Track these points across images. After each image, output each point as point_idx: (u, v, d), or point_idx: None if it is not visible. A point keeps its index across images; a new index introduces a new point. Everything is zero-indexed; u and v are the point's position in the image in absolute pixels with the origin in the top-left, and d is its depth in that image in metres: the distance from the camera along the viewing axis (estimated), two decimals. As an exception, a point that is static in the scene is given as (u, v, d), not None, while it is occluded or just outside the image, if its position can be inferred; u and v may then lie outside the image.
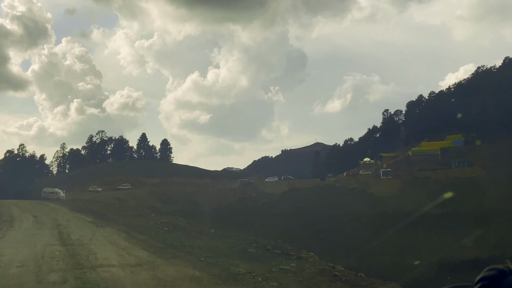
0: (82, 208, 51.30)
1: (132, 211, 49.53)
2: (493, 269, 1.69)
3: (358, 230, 75.89)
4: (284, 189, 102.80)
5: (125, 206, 59.46)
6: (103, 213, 44.35)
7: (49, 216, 39.62)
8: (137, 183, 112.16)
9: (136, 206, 61.70)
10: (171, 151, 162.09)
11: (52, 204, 57.01)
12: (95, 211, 46.94)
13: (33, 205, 55.93)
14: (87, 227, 31.37)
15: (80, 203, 60.51)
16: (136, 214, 46.39)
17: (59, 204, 59.57)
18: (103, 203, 60.88)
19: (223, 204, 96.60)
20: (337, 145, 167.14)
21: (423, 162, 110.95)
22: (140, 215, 45.35)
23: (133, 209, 53.63)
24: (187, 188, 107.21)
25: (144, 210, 53.25)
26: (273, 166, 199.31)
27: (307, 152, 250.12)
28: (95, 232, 27.70)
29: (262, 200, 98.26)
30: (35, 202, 65.00)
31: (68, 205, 55.88)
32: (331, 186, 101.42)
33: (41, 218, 37.55)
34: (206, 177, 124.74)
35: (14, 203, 58.00)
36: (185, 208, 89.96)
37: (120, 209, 51.85)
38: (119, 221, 36.99)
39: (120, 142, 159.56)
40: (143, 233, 28.71)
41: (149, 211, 52.79)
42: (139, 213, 47.49)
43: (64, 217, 38.97)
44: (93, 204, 60.12)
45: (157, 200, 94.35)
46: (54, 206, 52.95)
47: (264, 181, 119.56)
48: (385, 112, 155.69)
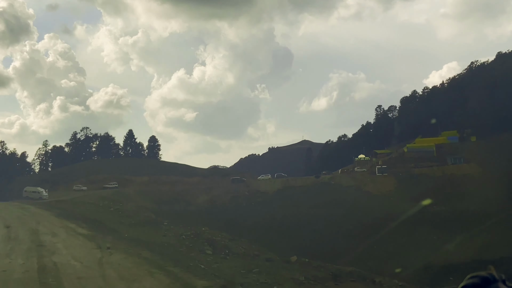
0: (70, 212, 44.82)
1: (135, 217, 43.04)
2: (476, 276, 1.65)
3: (354, 230, 74.71)
4: (278, 187, 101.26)
5: (122, 209, 52.55)
6: (99, 220, 37.72)
7: (28, 226, 31.19)
8: (125, 181, 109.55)
9: (137, 210, 54.63)
10: (160, 148, 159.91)
11: (32, 208, 49.16)
12: (88, 217, 40.16)
13: (9, 208, 48.79)
14: (85, 250, 22.03)
15: (67, 206, 54.73)
16: (141, 221, 39.79)
17: (42, 206, 52.44)
18: (95, 206, 55.25)
19: (215, 203, 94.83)
20: (330, 141, 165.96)
21: (419, 159, 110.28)
22: (148, 223, 38.88)
23: (134, 214, 47.00)
24: (177, 186, 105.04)
25: (150, 216, 47.05)
26: (261, 164, 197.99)
27: (294, 149, 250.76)
28: (102, 263, 18.63)
29: (255, 198, 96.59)
30: (12, 204, 58.35)
31: (53, 209, 48.64)
32: (326, 184, 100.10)
33: (16, 230, 28.69)
34: (196, 175, 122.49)
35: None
36: (176, 208, 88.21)
37: (118, 214, 45.75)
38: (123, 233, 30.37)
39: (106, 139, 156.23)
40: (180, 263, 20.71)
41: (156, 216, 47.55)
42: (144, 220, 41.34)
43: (49, 228, 30.79)
44: (83, 206, 53.67)
45: (148, 200, 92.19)
46: (35, 211, 45.66)
47: (256, 178, 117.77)
48: (378, 108, 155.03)
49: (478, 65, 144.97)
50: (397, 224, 67.05)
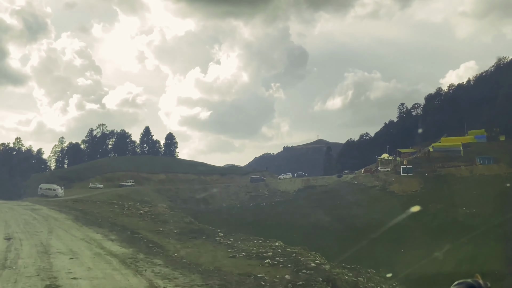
0: (91, 215, 36.85)
1: (174, 223, 32.48)
2: (462, 283, 1.74)
3: (379, 232, 72.23)
4: (298, 187, 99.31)
5: (154, 212, 42.92)
6: (129, 227, 28.48)
7: (36, 238, 22.40)
8: (141, 179, 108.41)
9: (172, 213, 45.53)
10: (176, 145, 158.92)
11: (45, 209, 41.22)
12: (114, 222, 31.84)
13: (17, 209, 41.04)
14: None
15: (86, 206, 46.99)
16: (184, 229, 29.04)
17: (56, 207, 44.23)
18: (119, 207, 46.92)
19: (234, 202, 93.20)
20: (351, 140, 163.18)
21: (445, 158, 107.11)
22: (195, 232, 27.79)
23: (171, 219, 37.26)
24: (195, 185, 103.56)
25: (191, 221, 36.67)
26: (275, 163, 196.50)
27: (310, 149, 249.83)
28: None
29: (275, 198, 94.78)
30: (22, 204, 49.85)
31: (70, 210, 40.73)
32: (348, 184, 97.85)
33: (20, 243, 20.62)
34: (214, 173, 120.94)
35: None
36: (194, 207, 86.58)
37: (151, 219, 36.24)
38: (171, 250, 21.13)
39: (122, 136, 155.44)
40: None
41: (210, 229, 31.36)
42: (188, 228, 30.20)
43: (65, 241, 21.62)
44: (105, 207, 45.80)
45: (165, 199, 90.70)
46: (49, 213, 37.59)
47: (274, 177, 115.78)
48: (400, 106, 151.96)
49: (506, 61, 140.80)
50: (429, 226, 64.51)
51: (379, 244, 63.66)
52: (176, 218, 39.26)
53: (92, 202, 55.18)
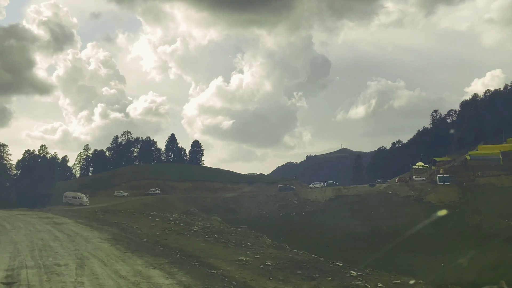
0: (132, 233, 28.61)
1: (252, 248, 23.84)
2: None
3: (419, 244, 68.96)
4: (329, 196, 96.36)
5: (214, 229, 33.68)
6: (198, 256, 19.68)
7: (58, 277, 13.56)
8: (167, 187, 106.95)
9: (249, 237, 30.68)
10: (203, 153, 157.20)
11: (70, 223, 32.49)
12: (168, 245, 23.47)
13: (36, 223, 31.73)
14: None
15: (120, 218, 40.00)
16: (293, 263, 19.05)
17: (84, 219, 36.34)
18: (163, 220, 39.33)
19: (262, 212, 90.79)
20: (383, 147, 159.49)
21: (483, 167, 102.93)
22: (332, 275, 17.18)
23: (245, 238, 28.84)
24: (222, 194, 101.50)
25: (311, 261, 21.13)
26: (298, 171, 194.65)
27: (333, 158, 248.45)
28: None
29: (305, 208, 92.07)
30: (43, 216, 39.38)
31: (102, 224, 32.63)
32: (382, 193, 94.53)
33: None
34: (242, 182, 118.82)
35: (9, 217, 38.43)
36: (222, 216, 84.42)
37: (213, 238, 27.67)
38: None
39: (147, 143, 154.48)
40: None
41: (320, 260, 22.28)
42: (302, 264, 19.14)
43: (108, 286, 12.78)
44: (145, 221, 38.44)
45: (191, 207, 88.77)
46: (75, 229, 28.32)
47: (303, 186, 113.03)
48: (434, 113, 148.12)
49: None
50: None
51: (419, 257, 60.56)
52: (250, 238, 29.37)
53: (127, 213, 48.97)
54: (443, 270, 58.07)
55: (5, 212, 47.35)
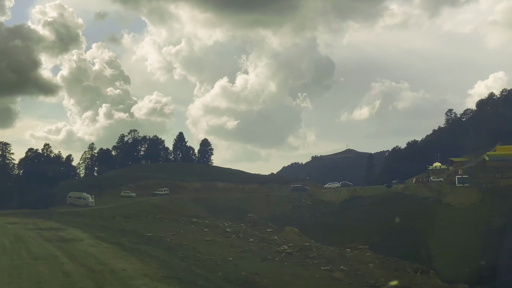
0: (158, 247, 21.74)
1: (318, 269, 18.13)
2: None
3: (441, 247, 66.70)
4: (345, 197, 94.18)
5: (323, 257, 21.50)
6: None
7: None
8: (176, 187, 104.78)
9: (289, 238, 30.57)
10: (212, 152, 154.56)
11: (87, 240, 22.72)
12: (225, 268, 17.16)
13: (32, 239, 22.79)
14: None
15: (137, 226, 33.99)
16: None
17: (104, 233, 27.35)
18: (215, 233, 30.72)
19: (275, 213, 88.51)
20: (397, 148, 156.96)
21: (503, 168, 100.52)
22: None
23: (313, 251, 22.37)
24: (233, 194, 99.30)
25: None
26: (304, 172, 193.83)
27: (339, 158, 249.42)
28: None
29: (320, 209, 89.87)
30: (44, 227, 30.92)
31: (135, 243, 22.33)
32: (399, 195, 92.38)
33: None
34: (253, 182, 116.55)
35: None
36: (233, 218, 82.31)
37: (269, 249, 23.46)
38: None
39: (155, 142, 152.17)
40: None
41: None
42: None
43: None
44: (168, 229, 31.06)
45: (202, 209, 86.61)
46: (95, 254, 18.05)
47: (317, 187, 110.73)
48: (448, 112, 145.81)
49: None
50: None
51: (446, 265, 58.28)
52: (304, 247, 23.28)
53: (155, 219, 42.74)
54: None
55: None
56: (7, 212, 54.04)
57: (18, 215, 46.67)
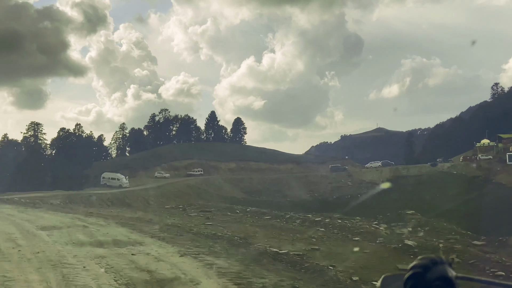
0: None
1: None
2: (425, 258, 1.86)
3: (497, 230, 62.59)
4: (387, 177, 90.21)
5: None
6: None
7: None
8: (209, 168, 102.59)
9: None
10: (246, 131, 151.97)
11: (124, 232, 21.04)
12: None
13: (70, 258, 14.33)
14: None
15: (255, 233, 23.73)
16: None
17: (137, 220, 26.84)
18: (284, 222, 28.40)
19: (314, 194, 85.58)
20: (440, 123, 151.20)
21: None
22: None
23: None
24: (269, 174, 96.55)
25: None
26: (333, 151, 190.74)
27: (369, 137, 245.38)
28: None
29: (361, 190, 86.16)
30: (79, 215, 29.40)
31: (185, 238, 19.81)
32: (445, 174, 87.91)
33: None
34: (288, 161, 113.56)
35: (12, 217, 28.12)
36: (270, 199, 79.72)
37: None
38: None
39: (186, 121, 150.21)
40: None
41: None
42: None
43: None
44: (241, 225, 27.67)
45: (237, 190, 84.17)
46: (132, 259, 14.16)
47: (356, 166, 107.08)
48: (494, 86, 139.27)
49: None
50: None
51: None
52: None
53: (246, 215, 36.36)
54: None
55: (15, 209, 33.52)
56: (44, 195, 51.26)
57: (55, 205, 41.97)
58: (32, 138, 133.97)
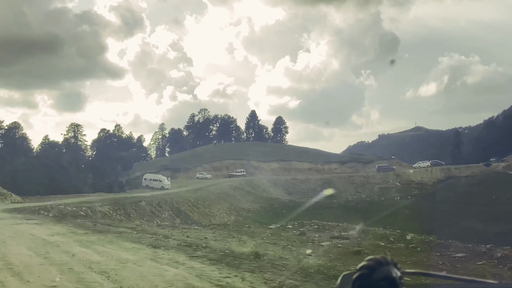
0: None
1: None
2: (372, 259, 1.91)
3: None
4: (437, 177, 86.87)
5: None
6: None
7: None
8: (252, 168, 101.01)
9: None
10: (287, 131, 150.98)
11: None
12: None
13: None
14: None
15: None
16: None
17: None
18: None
19: (361, 195, 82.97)
20: (492, 118, 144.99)
21: None
22: None
23: None
24: (313, 175, 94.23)
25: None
26: (371, 151, 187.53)
27: (407, 136, 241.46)
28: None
29: (410, 191, 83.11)
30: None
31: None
32: (502, 174, 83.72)
33: None
34: (333, 161, 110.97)
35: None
36: (315, 200, 77.46)
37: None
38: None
39: (226, 121, 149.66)
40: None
41: None
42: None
43: None
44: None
45: (282, 191, 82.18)
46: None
47: (403, 166, 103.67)
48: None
49: None
50: None
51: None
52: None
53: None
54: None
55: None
56: (89, 200, 47.66)
57: (113, 218, 34.50)
58: (73, 140, 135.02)
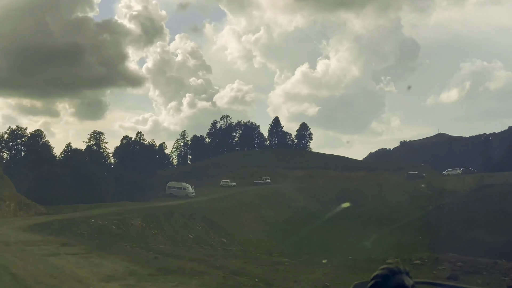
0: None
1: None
2: (385, 268, 2.00)
3: None
4: (470, 185, 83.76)
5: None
6: None
7: None
8: (276, 176, 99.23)
9: None
10: (311, 137, 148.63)
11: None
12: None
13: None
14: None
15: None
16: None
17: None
18: None
19: (390, 204, 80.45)
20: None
21: None
22: None
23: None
24: (340, 182, 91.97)
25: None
26: (392, 158, 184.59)
27: (430, 143, 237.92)
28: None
29: (442, 199, 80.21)
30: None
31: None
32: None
33: None
34: (359, 169, 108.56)
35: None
36: (342, 209, 75.33)
37: None
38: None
39: (249, 128, 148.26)
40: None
41: None
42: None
43: None
44: None
45: (308, 199, 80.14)
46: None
47: (432, 173, 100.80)
48: None
49: None
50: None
51: None
52: None
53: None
54: None
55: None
56: (119, 211, 45.58)
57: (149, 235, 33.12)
58: (95, 147, 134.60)
